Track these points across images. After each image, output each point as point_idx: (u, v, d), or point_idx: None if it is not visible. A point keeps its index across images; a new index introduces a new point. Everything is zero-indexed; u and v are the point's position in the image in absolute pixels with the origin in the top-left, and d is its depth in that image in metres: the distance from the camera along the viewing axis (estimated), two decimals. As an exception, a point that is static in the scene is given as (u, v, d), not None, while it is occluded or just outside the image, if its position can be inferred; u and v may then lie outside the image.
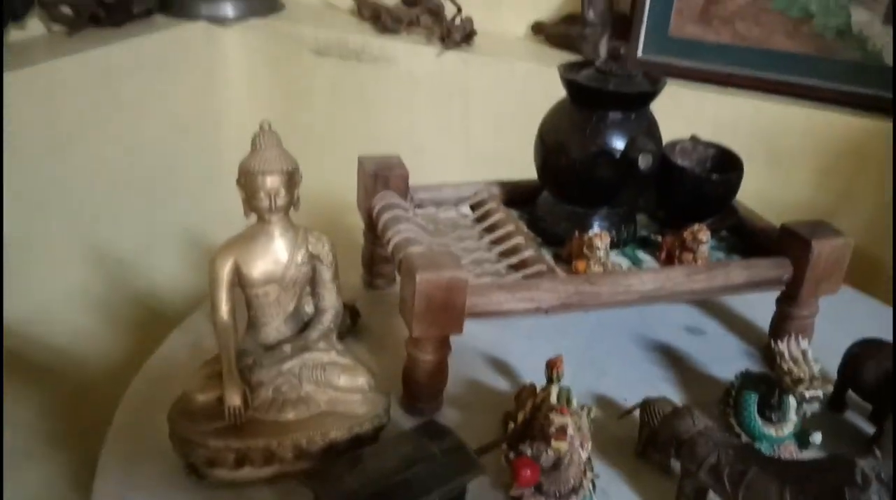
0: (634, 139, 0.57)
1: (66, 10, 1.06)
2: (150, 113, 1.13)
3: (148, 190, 1.15)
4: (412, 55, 1.13)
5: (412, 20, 1.18)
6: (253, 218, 0.52)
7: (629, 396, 0.61)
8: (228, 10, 1.20)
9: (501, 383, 0.63)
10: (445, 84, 1.12)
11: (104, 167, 1.07)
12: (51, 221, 1.01)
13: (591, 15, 1.09)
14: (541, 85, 1.04)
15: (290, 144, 0.53)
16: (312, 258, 0.53)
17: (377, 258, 0.68)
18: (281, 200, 0.49)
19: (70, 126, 1.00)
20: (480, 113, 1.12)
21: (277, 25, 1.20)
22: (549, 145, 0.62)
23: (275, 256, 0.51)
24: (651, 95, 0.61)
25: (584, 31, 1.09)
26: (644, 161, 0.57)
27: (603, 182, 0.60)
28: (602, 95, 0.58)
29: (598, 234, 0.56)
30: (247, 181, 0.49)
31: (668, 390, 0.63)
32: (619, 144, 0.59)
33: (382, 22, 1.17)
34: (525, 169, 0.72)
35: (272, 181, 0.49)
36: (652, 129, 0.62)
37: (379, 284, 0.70)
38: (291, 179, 0.50)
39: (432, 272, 0.51)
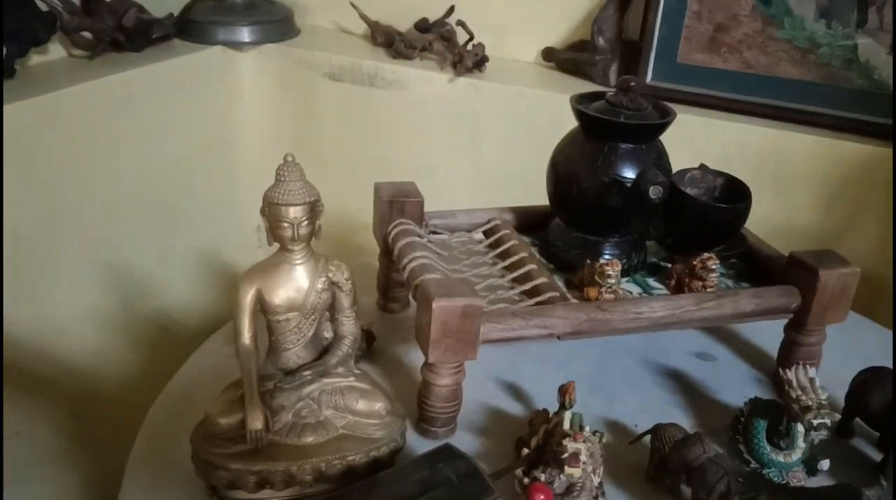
0: (645, 171, 0.59)
1: (86, 35, 1.09)
2: (167, 135, 1.15)
3: (165, 211, 1.17)
4: (424, 80, 1.15)
5: (425, 46, 1.21)
6: (275, 246, 0.54)
7: (640, 421, 0.63)
8: (245, 35, 1.22)
9: (514, 408, 0.65)
10: (456, 109, 1.14)
11: (123, 189, 1.10)
12: (70, 241, 1.03)
13: (600, 42, 1.11)
14: (550, 111, 1.06)
15: (304, 165, 0.55)
16: (332, 286, 0.54)
17: (392, 283, 0.70)
18: (303, 229, 0.51)
19: (90, 149, 1.03)
20: (490, 138, 1.14)
21: (292, 50, 1.23)
22: (561, 174, 0.64)
23: (296, 283, 0.53)
24: (661, 126, 0.62)
25: (594, 57, 1.12)
26: (655, 192, 0.58)
27: (614, 212, 0.62)
28: (613, 127, 0.60)
29: (610, 262, 0.58)
30: (271, 211, 0.51)
31: (678, 416, 0.64)
32: (629, 174, 0.60)
33: (395, 48, 1.20)
34: (534, 193, 0.74)
35: (295, 212, 0.51)
36: (662, 159, 0.63)
37: (394, 308, 0.71)
38: (313, 210, 0.52)
39: (448, 299, 0.53)
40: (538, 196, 0.95)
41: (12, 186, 0.92)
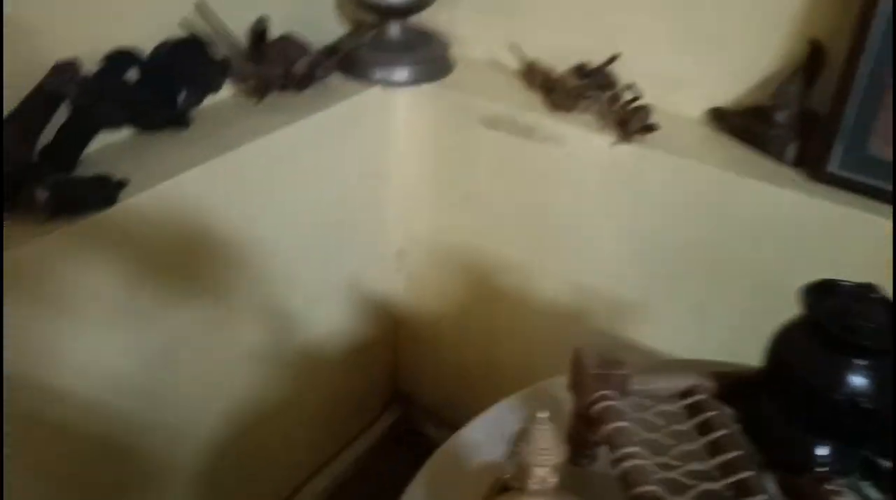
0: (881, 388, 0.57)
1: (255, 82, 1.10)
2: (324, 173, 1.17)
3: (317, 245, 1.21)
4: (584, 140, 1.12)
5: (581, 92, 1.16)
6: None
7: None
8: (403, 75, 1.21)
9: None
10: (616, 172, 1.11)
11: (285, 229, 1.13)
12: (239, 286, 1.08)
13: (780, 117, 1.04)
14: (721, 189, 1.03)
15: (450, 204, 0.55)
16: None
17: (584, 440, 0.70)
18: (547, 484, 0.52)
19: (248, 194, 1.05)
20: (649, 204, 1.10)
21: (449, 93, 1.20)
22: (782, 364, 0.62)
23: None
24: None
25: (771, 131, 1.05)
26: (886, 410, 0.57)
27: (837, 420, 0.60)
28: (851, 345, 0.58)
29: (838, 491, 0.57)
30: (518, 466, 0.53)
31: None
32: (862, 386, 0.58)
33: (554, 99, 1.16)
34: (692, 269, 0.78)
35: (541, 472, 0.52)
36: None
37: (582, 462, 0.72)
38: (557, 466, 0.53)
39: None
40: (693, 275, 0.95)
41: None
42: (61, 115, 0.89)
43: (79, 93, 0.88)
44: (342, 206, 1.22)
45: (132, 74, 0.97)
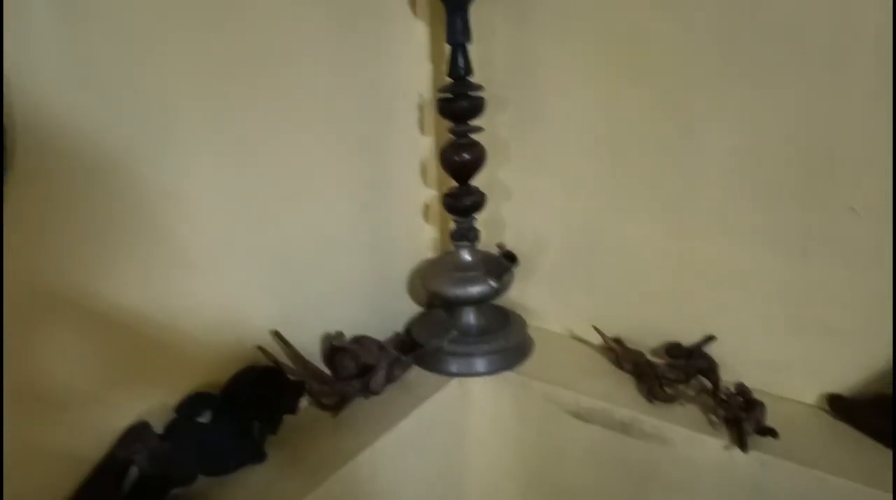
0: None
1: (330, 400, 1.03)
2: (404, 477, 1.07)
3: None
4: (693, 442, 1.01)
5: (680, 380, 1.07)
6: None
7: None
8: (481, 366, 1.13)
9: None
10: (733, 480, 0.98)
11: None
12: None
13: (918, 418, 0.93)
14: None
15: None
16: None
17: None
18: None
19: None
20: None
21: (531, 383, 1.12)
22: None
23: None
24: None
25: (908, 432, 0.94)
26: None
27: None
28: None
29: None
30: None
31: None
32: None
33: (652, 391, 1.06)
34: None
35: None
36: None
37: None
38: None
39: None
40: None
41: None
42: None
43: (150, 458, 0.81)
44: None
45: (205, 417, 0.90)
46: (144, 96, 0.80)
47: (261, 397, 0.94)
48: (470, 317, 1.17)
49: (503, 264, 1.09)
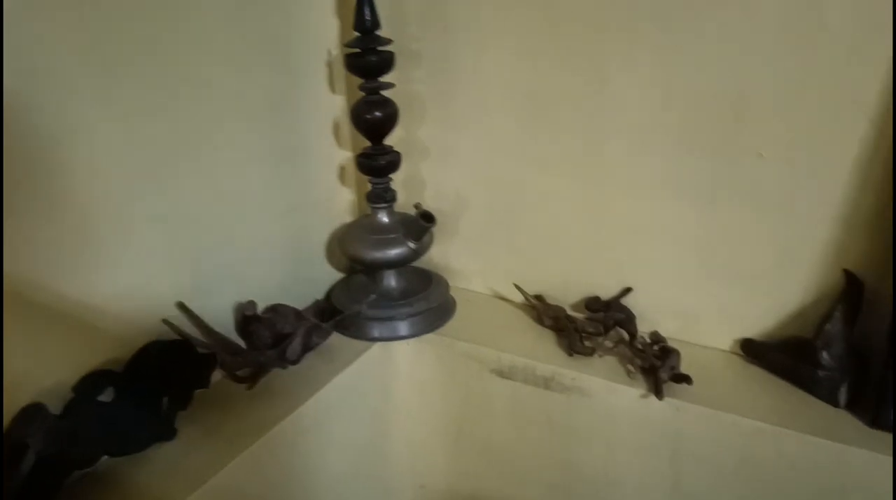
0: None
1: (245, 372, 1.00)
2: (328, 445, 1.05)
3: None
4: (611, 391, 1.02)
5: (598, 332, 1.07)
6: None
7: None
8: (403, 330, 1.11)
9: None
10: (650, 425, 1.00)
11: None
12: None
13: (825, 358, 0.95)
14: (774, 447, 0.91)
15: (466, 451, 0.41)
16: None
17: None
18: None
19: None
20: (694, 461, 0.99)
21: (454, 344, 1.11)
22: None
23: None
24: None
25: (817, 372, 0.96)
26: None
27: None
28: None
29: None
30: None
31: None
32: None
33: (568, 341, 1.06)
34: None
35: None
36: None
37: None
38: None
39: None
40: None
41: None
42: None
43: (45, 439, 0.77)
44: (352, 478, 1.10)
45: (107, 395, 0.86)
46: (29, 49, 0.73)
47: (168, 372, 0.90)
48: (391, 280, 1.15)
49: (421, 224, 1.07)
